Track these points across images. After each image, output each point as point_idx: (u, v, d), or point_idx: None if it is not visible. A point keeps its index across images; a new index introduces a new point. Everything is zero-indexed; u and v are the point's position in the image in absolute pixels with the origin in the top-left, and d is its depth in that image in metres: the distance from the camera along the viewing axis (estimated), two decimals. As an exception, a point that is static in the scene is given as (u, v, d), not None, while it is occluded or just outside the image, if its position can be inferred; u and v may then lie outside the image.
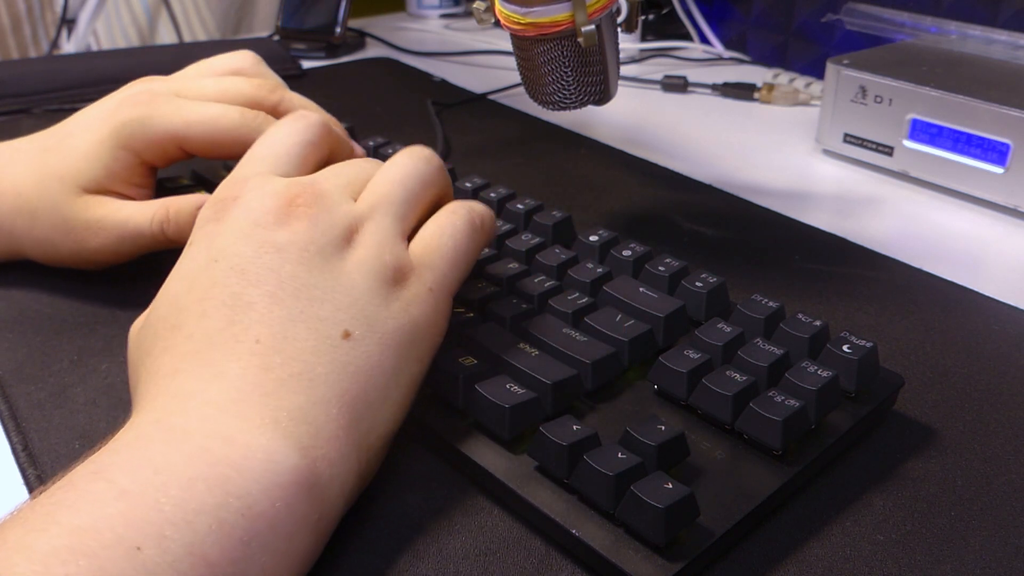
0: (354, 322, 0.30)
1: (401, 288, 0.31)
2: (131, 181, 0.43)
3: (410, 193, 0.34)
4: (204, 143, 0.42)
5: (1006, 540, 0.30)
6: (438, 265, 0.33)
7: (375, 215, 0.33)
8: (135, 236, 0.42)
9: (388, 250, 0.32)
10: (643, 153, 0.63)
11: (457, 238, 0.34)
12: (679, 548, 0.28)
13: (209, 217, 0.32)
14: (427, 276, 0.32)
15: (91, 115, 0.44)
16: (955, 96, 0.55)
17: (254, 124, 0.43)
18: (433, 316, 0.32)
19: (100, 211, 0.42)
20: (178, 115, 0.42)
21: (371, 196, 0.33)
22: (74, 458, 0.33)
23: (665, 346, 0.37)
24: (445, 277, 0.33)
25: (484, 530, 0.30)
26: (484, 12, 0.45)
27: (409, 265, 0.32)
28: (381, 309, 0.30)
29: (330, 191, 0.33)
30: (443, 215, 0.34)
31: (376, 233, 0.32)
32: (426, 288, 0.32)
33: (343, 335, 0.29)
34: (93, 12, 1.03)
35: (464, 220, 0.34)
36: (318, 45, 0.88)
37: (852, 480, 0.33)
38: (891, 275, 0.47)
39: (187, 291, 0.30)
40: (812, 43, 0.81)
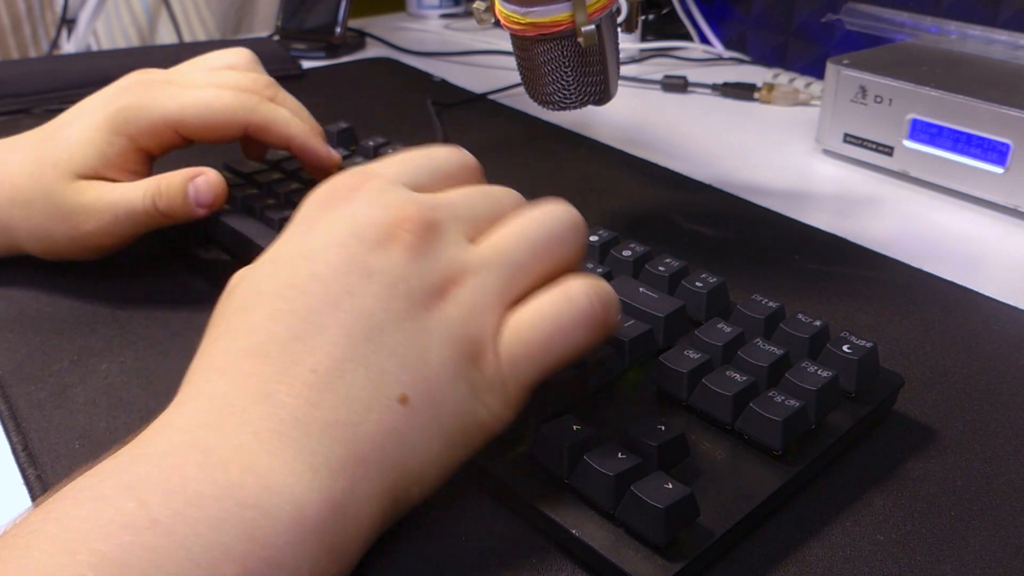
0: (415, 388, 0.27)
1: (474, 369, 0.28)
2: (125, 167, 0.43)
3: (534, 253, 0.30)
4: (199, 126, 0.42)
5: (1006, 540, 0.30)
6: (522, 360, 0.29)
7: (483, 271, 0.29)
8: (128, 213, 0.42)
9: (479, 320, 0.28)
10: (643, 153, 0.63)
11: (554, 333, 0.29)
12: (679, 548, 0.28)
13: (320, 200, 0.30)
14: (505, 369, 0.28)
15: (86, 106, 0.44)
16: (955, 96, 0.55)
17: (249, 105, 0.43)
18: (499, 411, 0.29)
19: (92, 194, 0.42)
20: (172, 100, 0.42)
21: (488, 247, 0.30)
22: (74, 458, 0.34)
23: (665, 346, 0.37)
24: (524, 374, 0.29)
25: (484, 530, 0.30)
26: (484, 12, 0.45)
27: (492, 346, 0.28)
28: (447, 385, 0.27)
29: (446, 225, 0.29)
30: (554, 296, 0.29)
31: (476, 294, 0.28)
32: (499, 381, 0.28)
33: (400, 398, 0.27)
34: (93, 12, 1.03)
35: (576, 310, 0.29)
36: (318, 45, 0.88)
37: (852, 480, 0.33)
38: (891, 275, 0.47)
39: (270, 276, 0.29)
40: (812, 43, 0.81)
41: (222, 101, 0.42)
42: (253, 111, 0.43)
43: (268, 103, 0.44)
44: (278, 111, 0.44)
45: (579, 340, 0.29)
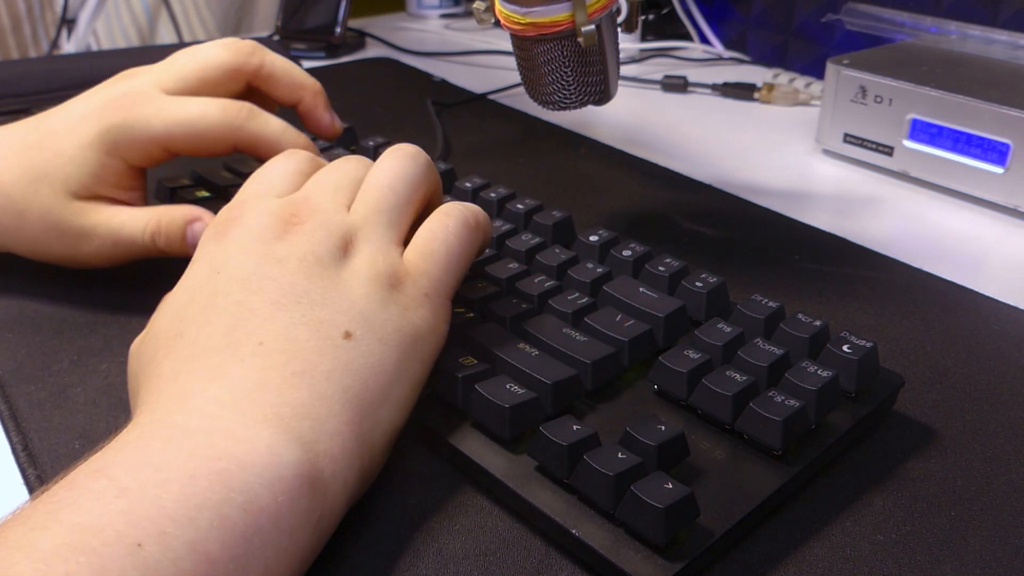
0: (354, 323, 0.30)
1: (398, 293, 0.32)
2: (120, 185, 0.43)
3: (400, 197, 0.35)
4: (187, 143, 0.42)
5: (1006, 540, 0.30)
6: (432, 271, 0.33)
7: (368, 224, 0.33)
8: (128, 244, 0.42)
9: (382, 257, 0.32)
10: (643, 153, 0.63)
11: (450, 241, 0.34)
12: (679, 548, 0.28)
13: (211, 236, 0.33)
14: (422, 282, 0.33)
15: (74, 114, 0.43)
16: (955, 96, 0.55)
17: (237, 121, 0.42)
18: (432, 320, 0.32)
19: (94, 218, 0.42)
20: (158, 117, 0.41)
21: (362, 205, 0.34)
22: (74, 458, 0.33)
23: (665, 346, 0.37)
24: (440, 282, 0.33)
25: (484, 530, 0.30)
26: (484, 12, 0.45)
27: (404, 271, 0.33)
28: (380, 312, 0.31)
29: (324, 204, 0.33)
30: (436, 218, 0.35)
31: (370, 242, 0.33)
32: (422, 294, 0.32)
33: (344, 335, 0.30)
34: (93, 12, 1.03)
35: (458, 222, 0.35)
36: (318, 45, 0.88)
37: (852, 480, 0.33)
38: (891, 275, 0.47)
39: (189, 302, 0.31)
40: (812, 43, 0.81)
41: (207, 119, 0.42)
42: (240, 128, 0.42)
43: (257, 117, 0.42)
44: (268, 126, 0.43)
45: (468, 242, 0.35)
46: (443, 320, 0.33)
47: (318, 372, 0.29)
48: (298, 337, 0.29)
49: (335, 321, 0.30)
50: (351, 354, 0.30)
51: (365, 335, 0.30)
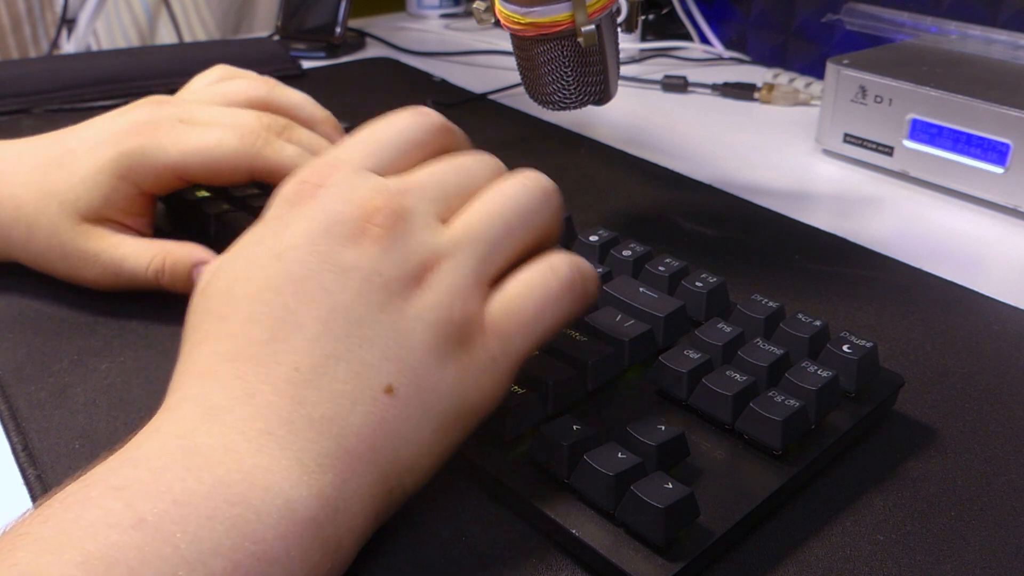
0: (401, 377, 0.27)
1: (462, 350, 0.28)
2: (130, 211, 0.43)
3: (508, 230, 0.30)
4: (202, 172, 0.42)
5: (1006, 540, 0.30)
6: (511, 333, 0.29)
7: (458, 254, 0.29)
8: (131, 276, 0.42)
9: (460, 302, 0.28)
10: (643, 153, 0.63)
11: (544, 304, 0.29)
12: (679, 548, 0.28)
13: (286, 199, 0.30)
14: (493, 344, 0.28)
15: (96, 134, 0.43)
16: (955, 96, 0.55)
17: (252, 151, 0.42)
18: (490, 389, 0.29)
19: (98, 244, 0.42)
20: (175, 146, 0.41)
21: (461, 228, 0.29)
22: (74, 458, 0.34)
23: (665, 346, 0.37)
24: (515, 349, 0.29)
25: (484, 530, 0.30)
26: (484, 12, 0.45)
27: (480, 324, 0.28)
28: (434, 370, 0.27)
29: (416, 210, 0.29)
30: (538, 269, 0.30)
31: (453, 277, 0.28)
32: (490, 356, 0.28)
33: (386, 389, 0.27)
34: (93, 12, 1.03)
35: (563, 282, 0.30)
36: (318, 45, 0.88)
37: (852, 480, 0.33)
38: (891, 275, 0.47)
39: (244, 278, 0.29)
40: (812, 43, 0.81)
41: (223, 148, 0.41)
42: (257, 156, 0.42)
43: (274, 144, 0.42)
44: (284, 153, 0.42)
45: (566, 310, 0.30)
46: (502, 389, 0.29)
47: (348, 424, 0.26)
48: (337, 375, 0.27)
49: (381, 369, 0.27)
50: (388, 413, 0.27)
51: (409, 395, 0.27)
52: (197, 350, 0.28)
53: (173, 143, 0.42)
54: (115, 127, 0.43)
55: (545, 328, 0.30)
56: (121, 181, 0.42)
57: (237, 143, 0.41)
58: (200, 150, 0.41)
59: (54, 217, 0.42)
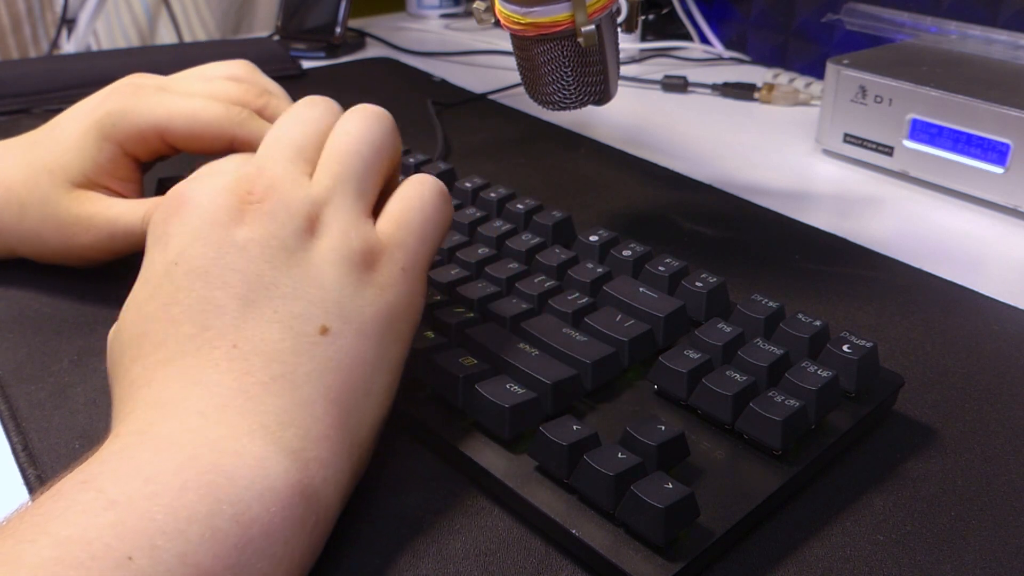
0: (329, 316, 0.29)
1: (373, 272, 0.30)
2: (117, 175, 0.43)
3: (368, 163, 0.32)
4: (185, 135, 0.42)
5: (1006, 540, 0.30)
6: (409, 241, 0.31)
7: (334, 197, 0.31)
8: (126, 234, 0.42)
9: (354, 234, 0.30)
10: (643, 153, 0.63)
11: (427, 211, 0.32)
12: (679, 548, 0.28)
13: (161, 218, 0.31)
14: (399, 255, 0.31)
15: (79, 108, 0.44)
16: (955, 96, 0.55)
17: (237, 120, 0.42)
18: (409, 296, 0.31)
19: (91, 208, 0.42)
20: (161, 106, 0.42)
21: (326, 175, 0.32)
22: (74, 458, 0.33)
23: (665, 346, 0.37)
24: (417, 253, 0.32)
25: (484, 530, 0.30)
26: (484, 12, 0.45)
27: (379, 245, 0.31)
28: (355, 298, 0.29)
29: (282, 176, 0.31)
30: (410, 185, 0.33)
31: (339, 216, 0.31)
32: (399, 268, 0.31)
33: (320, 331, 0.28)
34: (93, 12, 1.03)
35: (433, 190, 0.33)
36: (318, 45, 0.88)
37: (852, 480, 0.33)
38: (891, 275, 0.47)
39: (151, 297, 0.29)
40: (812, 43, 0.81)
41: (209, 112, 0.42)
42: (240, 125, 0.42)
43: (257, 119, 0.43)
44: (264, 128, 0.43)
45: (444, 213, 0.33)
46: (420, 294, 0.32)
47: (297, 375, 0.28)
48: (272, 337, 0.28)
49: (309, 315, 0.29)
50: (329, 351, 0.28)
51: (342, 328, 0.29)
52: (129, 373, 0.29)
53: (159, 103, 0.42)
54: (95, 98, 0.44)
55: (433, 230, 0.32)
56: (106, 142, 0.42)
57: (221, 111, 0.42)
58: (185, 114, 0.42)
59: (46, 188, 0.42)
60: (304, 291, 0.29)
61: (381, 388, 0.30)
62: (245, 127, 0.43)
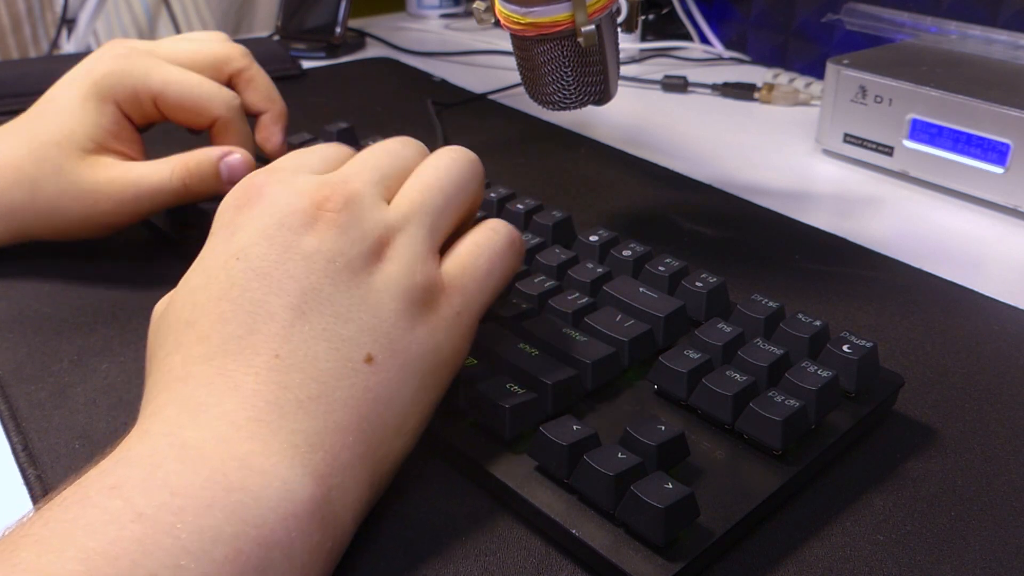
0: (377, 345, 0.28)
1: (429, 311, 0.30)
2: (122, 136, 0.44)
3: (447, 200, 0.32)
4: (177, 104, 0.43)
5: (1006, 540, 0.30)
6: (470, 287, 0.31)
7: (409, 226, 0.31)
8: (152, 194, 0.43)
9: (420, 268, 0.30)
10: (643, 153, 0.63)
11: (493, 260, 0.32)
12: (679, 548, 0.28)
13: (232, 205, 0.31)
14: (456, 300, 0.31)
15: (70, 77, 0.44)
16: (955, 96, 0.55)
17: (227, 102, 0.44)
18: (458, 342, 0.31)
19: (111, 172, 0.42)
20: (156, 71, 0.43)
21: (406, 203, 0.31)
22: (74, 458, 0.34)
23: (665, 346, 0.37)
24: (475, 301, 0.31)
25: (484, 530, 0.30)
26: (484, 12, 0.45)
27: (440, 285, 0.30)
28: (406, 333, 0.29)
29: (362, 193, 0.31)
30: (482, 232, 0.33)
31: (409, 247, 0.30)
32: (454, 312, 0.30)
33: (365, 359, 0.28)
34: (93, 12, 1.03)
35: (504, 240, 0.33)
36: (318, 45, 0.88)
37: (852, 480, 0.33)
38: (891, 275, 0.47)
39: (204, 286, 0.29)
40: (812, 43, 0.81)
41: (203, 88, 0.43)
42: (227, 107, 0.44)
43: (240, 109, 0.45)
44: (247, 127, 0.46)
45: (511, 264, 0.33)
46: (468, 341, 0.31)
47: (335, 399, 0.27)
48: (317, 355, 0.27)
49: (358, 341, 0.28)
50: (370, 381, 0.28)
51: (387, 361, 0.28)
52: (168, 361, 0.28)
53: (154, 67, 0.43)
54: (86, 64, 0.44)
55: (496, 281, 0.32)
56: (106, 104, 0.43)
57: (216, 90, 0.44)
58: (180, 83, 0.43)
59: (57, 160, 0.42)
60: (358, 315, 0.28)
61: (411, 428, 0.29)
62: (233, 110, 0.45)
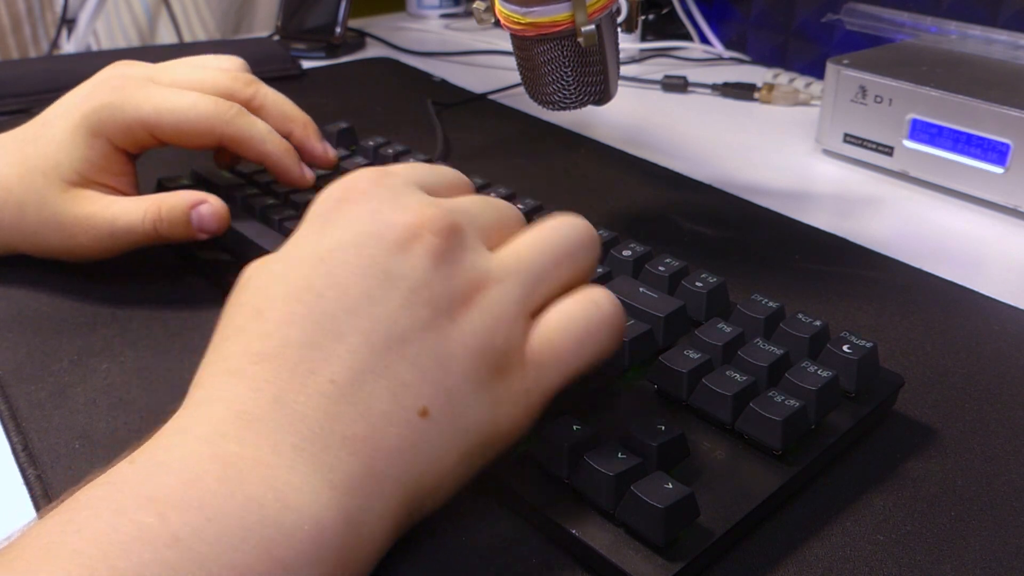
0: (436, 401, 0.26)
1: (499, 380, 0.27)
2: (110, 170, 0.43)
3: (554, 264, 0.29)
4: (173, 132, 0.42)
5: (1006, 540, 0.30)
6: (549, 365, 0.28)
7: (507, 280, 0.28)
8: (126, 233, 0.42)
9: (504, 330, 0.28)
10: (643, 153, 0.63)
11: (585, 338, 0.29)
12: (679, 548, 0.28)
13: (332, 198, 0.29)
14: (531, 376, 0.28)
15: (66, 102, 0.44)
16: (955, 96, 0.55)
17: (226, 117, 0.42)
18: (521, 420, 0.28)
19: (89, 207, 0.42)
20: (148, 102, 0.42)
21: (511, 255, 0.29)
22: (74, 458, 0.34)
23: (665, 346, 0.37)
24: (550, 381, 0.29)
25: (484, 530, 0.30)
26: (484, 12, 0.45)
27: (519, 355, 0.28)
28: (469, 397, 0.27)
29: (467, 230, 0.28)
30: (581, 301, 0.29)
31: (500, 303, 0.28)
32: (524, 388, 0.28)
33: (421, 412, 0.26)
34: (93, 12, 1.03)
35: (603, 315, 0.29)
36: (318, 45, 0.88)
37: (852, 480, 0.33)
38: (891, 275, 0.47)
39: (283, 277, 0.27)
40: (812, 43, 0.81)
41: (197, 109, 0.42)
42: (228, 123, 0.42)
43: (246, 116, 0.43)
44: (255, 126, 0.43)
45: (604, 345, 0.29)
46: (531, 420, 0.29)
47: (380, 446, 0.26)
48: (373, 392, 0.26)
49: (419, 392, 0.26)
50: (420, 437, 0.26)
51: (442, 420, 0.26)
52: (228, 344, 0.27)
53: (147, 98, 0.42)
54: (85, 88, 0.43)
55: (581, 362, 0.29)
56: (95, 138, 0.42)
57: (210, 108, 0.42)
58: (174, 109, 0.42)
59: (41, 189, 0.42)
60: (426, 363, 0.26)
61: (446, 491, 0.28)
62: (234, 124, 0.43)
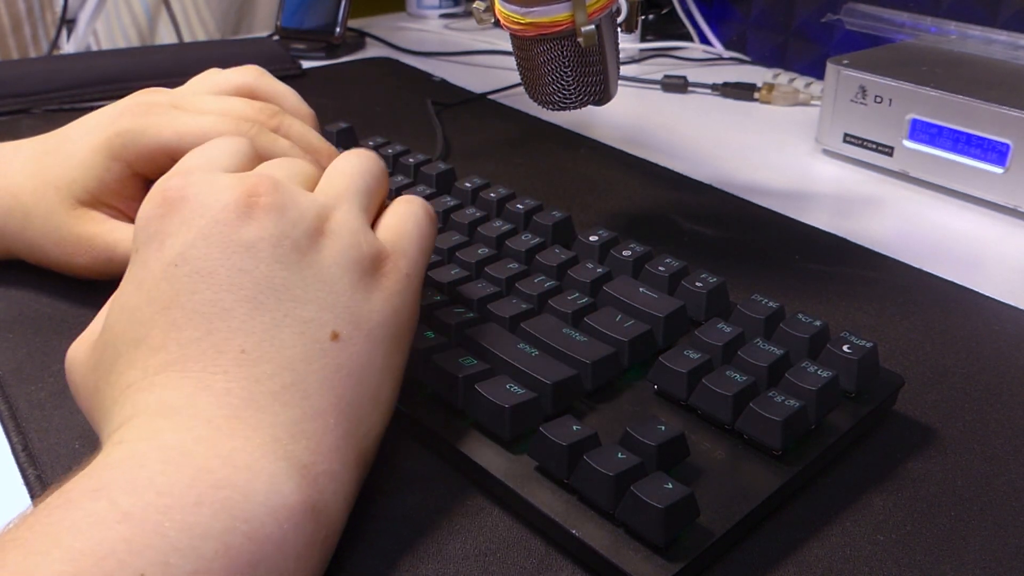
0: (340, 321, 0.28)
1: (380, 278, 0.30)
2: (124, 194, 0.42)
3: (369, 185, 0.33)
4: None
5: (1006, 540, 0.30)
6: (410, 251, 0.32)
7: (342, 204, 0.31)
8: (123, 262, 0.42)
9: (363, 238, 0.30)
10: (643, 153, 0.63)
11: (421, 224, 0.33)
12: (679, 548, 0.28)
13: (155, 215, 0.29)
14: (402, 263, 0.31)
15: (91, 122, 0.43)
16: (955, 96, 0.55)
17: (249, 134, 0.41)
18: (412, 304, 0.32)
19: (92, 229, 0.42)
20: (171, 127, 0.41)
21: (331, 187, 0.32)
22: (74, 458, 0.34)
23: (665, 346, 0.37)
24: (417, 262, 0.32)
25: (484, 530, 0.30)
26: (484, 12, 0.45)
27: (385, 252, 0.31)
28: (365, 303, 0.29)
29: (285, 181, 0.31)
30: (401, 204, 0.34)
31: (347, 222, 0.31)
32: (404, 275, 0.31)
33: (331, 337, 0.28)
34: (93, 12, 1.03)
35: (422, 208, 0.34)
36: (318, 45, 0.88)
37: (852, 480, 0.33)
38: (891, 275, 0.47)
39: (147, 302, 0.28)
40: (812, 43, 0.81)
41: (217, 129, 0.41)
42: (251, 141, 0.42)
43: (267, 134, 0.43)
44: (277, 144, 0.43)
45: (432, 228, 0.34)
46: (419, 302, 0.32)
47: (308, 384, 0.27)
48: (283, 342, 0.27)
49: (320, 320, 0.28)
50: (340, 358, 0.28)
51: (352, 334, 0.28)
52: (124, 378, 0.27)
53: (168, 124, 0.42)
54: (111, 111, 0.43)
55: (428, 243, 0.33)
56: (115, 162, 0.42)
57: (233, 127, 0.42)
58: (195, 133, 0.41)
59: (51, 203, 0.42)
60: (315, 294, 0.28)
61: (387, 396, 0.30)
62: (256, 141, 0.42)
